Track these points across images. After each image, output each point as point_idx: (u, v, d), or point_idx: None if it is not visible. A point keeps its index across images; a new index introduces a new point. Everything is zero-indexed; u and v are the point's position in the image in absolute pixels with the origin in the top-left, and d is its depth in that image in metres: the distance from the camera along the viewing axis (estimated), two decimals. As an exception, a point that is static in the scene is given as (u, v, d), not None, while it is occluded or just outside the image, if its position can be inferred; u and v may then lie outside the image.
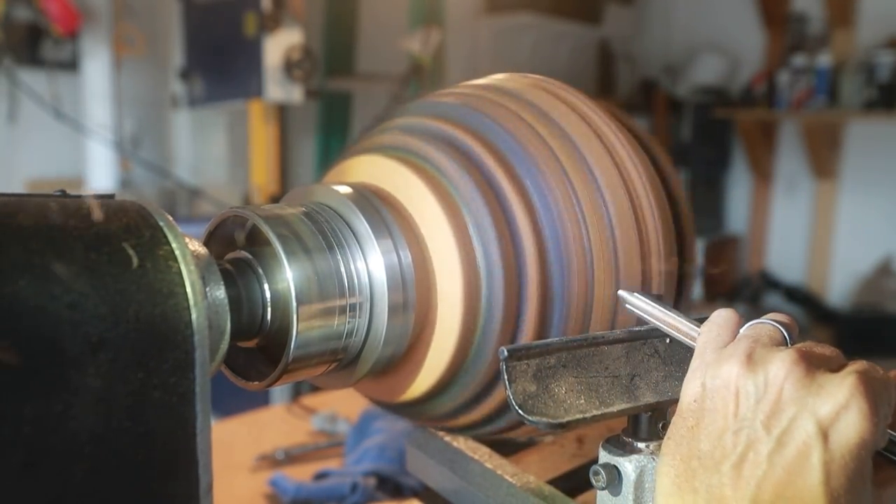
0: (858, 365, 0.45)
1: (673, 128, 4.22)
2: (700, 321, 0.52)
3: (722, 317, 0.50)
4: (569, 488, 0.61)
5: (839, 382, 0.42)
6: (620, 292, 0.57)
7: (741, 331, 0.49)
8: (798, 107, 3.56)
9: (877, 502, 0.45)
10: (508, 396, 0.49)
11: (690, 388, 0.47)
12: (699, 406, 0.45)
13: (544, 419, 0.49)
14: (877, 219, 3.62)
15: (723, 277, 3.97)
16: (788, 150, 3.92)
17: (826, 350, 0.46)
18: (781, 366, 0.43)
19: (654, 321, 0.55)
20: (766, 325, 0.48)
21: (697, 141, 4.09)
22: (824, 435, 0.41)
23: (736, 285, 4.00)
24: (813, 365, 0.43)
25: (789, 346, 0.47)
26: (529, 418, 0.49)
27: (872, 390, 0.42)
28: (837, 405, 0.41)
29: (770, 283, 3.86)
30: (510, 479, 0.60)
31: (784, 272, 3.92)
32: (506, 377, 0.49)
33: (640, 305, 0.56)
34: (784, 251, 3.98)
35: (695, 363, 0.48)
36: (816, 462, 0.41)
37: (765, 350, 0.45)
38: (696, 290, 3.60)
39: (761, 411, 0.43)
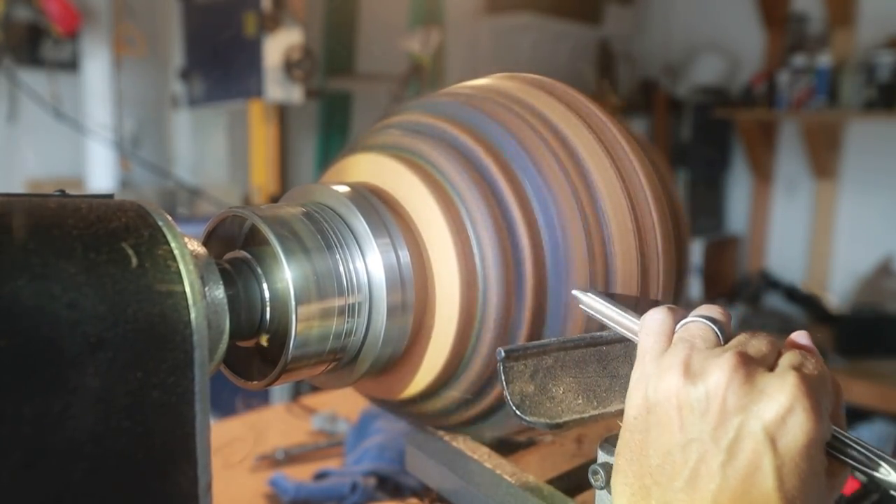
0: (792, 358, 0.44)
1: (673, 128, 4.22)
2: None
3: (655, 320, 0.48)
4: (568, 488, 0.61)
5: (780, 385, 0.42)
6: (574, 292, 0.55)
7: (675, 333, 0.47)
8: (798, 107, 3.56)
9: (830, 492, 0.45)
10: (506, 397, 0.49)
11: (633, 401, 0.46)
12: (644, 420, 0.45)
13: (541, 419, 0.49)
14: (877, 219, 3.61)
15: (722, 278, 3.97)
16: (788, 150, 3.92)
17: (762, 344, 0.45)
18: (721, 375, 0.42)
19: (608, 322, 0.53)
20: (698, 324, 0.47)
21: (697, 141, 4.08)
22: (772, 440, 0.41)
23: (736, 285, 4.00)
24: (751, 367, 0.43)
25: (723, 343, 0.46)
26: (526, 418, 0.49)
27: (813, 387, 0.42)
28: (782, 408, 0.41)
29: (770, 283, 3.86)
30: (509, 479, 0.60)
31: (784, 272, 3.91)
32: (503, 378, 0.49)
33: (594, 305, 0.54)
34: (784, 251, 3.98)
35: (636, 373, 0.47)
36: (768, 468, 0.41)
37: (701, 357, 0.44)
38: (696, 290, 3.60)
39: (707, 424, 0.42)
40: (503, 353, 0.50)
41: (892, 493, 0.43)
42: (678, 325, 0.48)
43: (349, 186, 0.59)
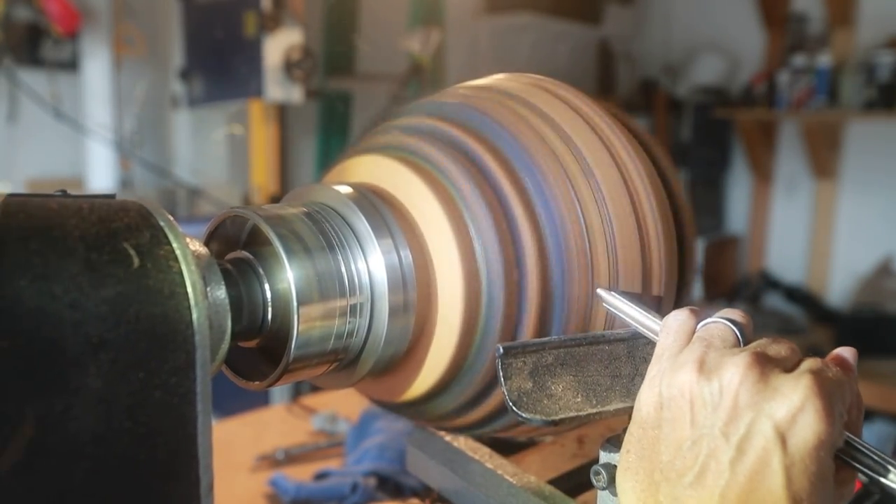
0: (812, 363, 0.44)
1: (673, 128, 4.22)
2: None
3: (678, 320, 0.49)
4: (569, 488, 0.61)
5: (794, 384, 0.42)
6: (598, 290, 0.56)
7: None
8: (798, 107, 3.56)
9: (839, 499, 0.45)
10: (503, 393, 0.49)
11: (648, 397, 0.46)
12: (657, 416, 0.45)
13: (538, 416, 0.49)
14: (877, 219, 3.62)
15: (722, 278, 3.97)
16: (788, 150, 3.92)
17: (782, 348, 0.46)
18: (735, 371, 0.42)
19: (631, 321, 0.54)
20: (718, 324, 0.47)
21: (697, 141, 4.09)
22: (782, 438, 0.41)
23: (736, 285, 4.00)
24: (767, 367, 0.43)
25: (742, 345, 0.46)
26: (522, 415, 0.49)
27: (827, 390, 0.42)
28: (793, 407, 0.41)
29: (770, 283, 3.86)
30: (510, 479, 0.60)
31: (784, 272, 3.91)
32: (501, 374, 0.50)
33: (617, 304, 0.55)
34: (784, 251, 3.98)
35: (652, 370, 0.47)
36: (777, 466, 0.40)
37: (717, 355, 0.44)
38: (696, 290, 3.60)
39: (719, 419, 0.42)
40: (502, 350, 0.50)
41: None
42: (699, 326, 0.48)
43: (351, 187, 0.59)
